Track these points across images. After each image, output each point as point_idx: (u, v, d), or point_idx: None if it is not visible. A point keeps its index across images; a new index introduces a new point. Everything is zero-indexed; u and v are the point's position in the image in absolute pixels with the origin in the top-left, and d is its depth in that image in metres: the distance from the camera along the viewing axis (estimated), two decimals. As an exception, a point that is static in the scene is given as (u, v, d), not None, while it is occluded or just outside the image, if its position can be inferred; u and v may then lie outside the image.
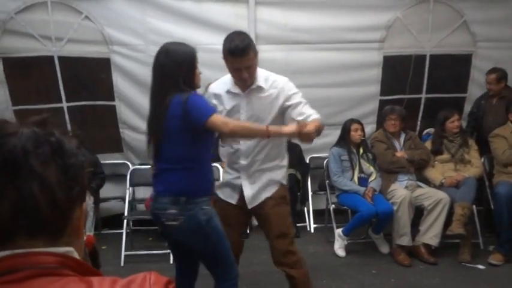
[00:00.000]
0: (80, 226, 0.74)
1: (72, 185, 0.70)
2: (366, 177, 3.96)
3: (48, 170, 0.67)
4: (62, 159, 0.70)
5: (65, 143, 0.71)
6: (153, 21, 4.23)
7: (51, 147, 0.69)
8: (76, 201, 0.72)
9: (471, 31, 4.52)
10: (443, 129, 4.09)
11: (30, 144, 0.68)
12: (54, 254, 0.69)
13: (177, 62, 2.06)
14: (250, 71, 2.25)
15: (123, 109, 4.45)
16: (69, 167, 0.70)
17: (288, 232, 2.46)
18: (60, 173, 0.69)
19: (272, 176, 2.42)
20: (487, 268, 3.53)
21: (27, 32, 4.13)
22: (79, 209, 0.73)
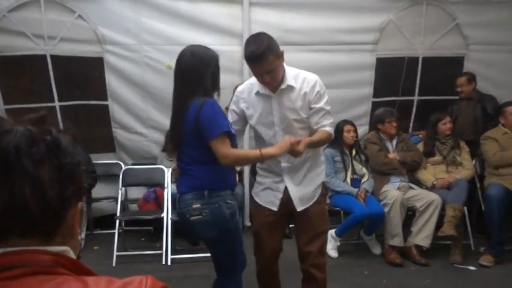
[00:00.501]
0: (74, 225, 0.74)
1: (66, 185, 0.69)
2: (358, 179, 3.98)
3: (41, 169, 0.67)
4: (58, 158, 0.69)
5: (62, 142, 0.71)
6: (146, 21, 4.22)
7: (47, 145, 0.69)
8: (71, 201, 0.71)
9: (463, 34, 4.55)
10: (435, 131, 4.12)
11: (24, 142, 0.67)
12: (50, 253, 0.69)
13: (205, 62, 2.07)
14: (273, 74, 2.17)
15: (116, 109, 4.43)
16: (64, 166, 0.69)
17: (324, 232, 2.54)
18: (55, 172, 0.68)
19: (317, 180, 2.45)
20: (477, 269, 3.55)
21: (20, 30, 4.09)
22: (74, 209, 0.72)
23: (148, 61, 4.30)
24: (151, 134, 4.53)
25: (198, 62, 2.06)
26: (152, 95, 4.39)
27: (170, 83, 4.56)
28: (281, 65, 2.21)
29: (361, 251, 3.95)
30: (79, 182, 0.72)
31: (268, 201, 2.42)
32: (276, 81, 2.21)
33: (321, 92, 2.28)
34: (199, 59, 2.07)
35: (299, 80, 2.27)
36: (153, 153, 4.55)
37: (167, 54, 4.28)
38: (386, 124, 4.04)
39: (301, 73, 2.31)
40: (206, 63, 2.07)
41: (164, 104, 4.34)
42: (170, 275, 3.46)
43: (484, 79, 4.68)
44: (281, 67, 2.21)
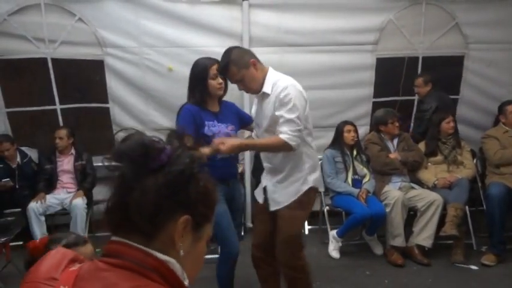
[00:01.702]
0: (174, 236, 0.78)
1: (165, 195, 0.76)
2: (359, 179, 3.98)
3: (149, 179, 0.76)
4: (167, 172, 0.77)
5: (177, 156, 0.80)
6: (146, 23, 4.23)
7: (165, 157, 0.79)
8: (168, 211, 0.77)
9: (463, 33, 4.55)
10: (438, 131, 4.12)
11: (140, 151, 0.79)
12: (153, 258, 0.76)
13: (195, 71, 2.55)
14: (243, 83, 2.37)
15: (117, 111, 4.44)
16: (168, 179, 0.77)
17: (295, 238, 2.54)
18: (159, 183, 0.76)
19: (292, 186, 2.49)
20: (479, 269, 3.55)
21: (21, 34, 4.11)
22: (173, 222, 0.78)
23: (149, 63, 4.31)
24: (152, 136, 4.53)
25: (191, 72, 2.57)
26: (153, 97, 4.39)
27: (171, 85, 4.63)
28: (251, 75, 2.34)
29: (363, 251, 3.95)
30: (182, 195, 0.78)
31: (257, 193, 2.73)
32: (250, 88, 2.40)
33: (284, 100, 2.28)
34: (191, 71, 2.56)
35: (274, 88, 2.35)
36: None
37: (167, 57, 4.29)
38: (389, 125, 4.04)
39: (280, 80, 2.35)
40: (194, 75, 2.54)
41: (165, 106, 4.36)
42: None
43: (484, 78, 4.69)
44: (252, 76, 2.35)
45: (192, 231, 0.81)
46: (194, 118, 2.48)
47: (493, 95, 4.65)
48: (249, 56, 2.37)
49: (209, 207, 0.83)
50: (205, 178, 0.83)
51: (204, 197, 0.81)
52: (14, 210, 4.03)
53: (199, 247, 0.84)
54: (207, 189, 0.82)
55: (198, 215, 0.81)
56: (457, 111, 4.75)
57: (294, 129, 2.29)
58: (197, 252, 0.84)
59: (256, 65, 2.36)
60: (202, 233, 0.83)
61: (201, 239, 0.84)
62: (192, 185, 0.79)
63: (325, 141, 4.18)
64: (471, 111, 4.77)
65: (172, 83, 4.28)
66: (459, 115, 4.72)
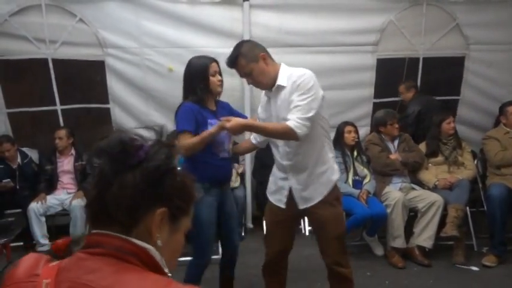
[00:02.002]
0: (152, 228, 0.83)
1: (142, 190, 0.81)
2: (360, 180, 3.98)
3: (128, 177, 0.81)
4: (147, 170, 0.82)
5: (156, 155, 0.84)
6: (147, 24, 4.23)
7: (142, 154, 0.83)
8: (143, 206, 0.82)
9: (464, 34, 4.55)
10: (439, 132, 4.12)
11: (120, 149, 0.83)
12: (132, 244, 0.81)
13: (193, 70, 2.53)
14: (252, 77, 2.30)
15: (118, 112, 4.44)
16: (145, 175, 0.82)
17: (343, 233, 2.50)
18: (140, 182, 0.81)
19: (321, 178, 2.38)
20: (480, 270, 3.54)
21: (21, 34, 4.12)
22: (151, 215, 0.83)
23: (150, 64, 4.31)
24: (152, 136, 4.53)
25: (187, 72, 2.55)
26: (153, 97, 4.40)
27: (171, 86, 4.63)
28: (261, 68, 2.28)
29: (364, 252, 3.94)
30: (159, 190, 0.83)
31: (276, 199, 2.50)
32: (259, 82, 2.33)
33: (298, 84, 2.20)
34: (188, 70, 2.55)
35: (290, 79, 2.27)
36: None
37: (168, 57, 4.29)
38: (388, 126, 4.04)
39: (295, 71, 2.28)
40: (193, 73, 2.52)
41: (166, 107, 4.36)
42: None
43: (484, 79, 4.69)
44: (261, 70, 2.29)
45: (169, 223, 0.86)
46: (195, 115, 2.46)
47: (494, 96, 4.65)
48: (260, 50, 2.31)
49: (186, 201, 0.88)
50: (183, 173, 0.89)
51: (180, 191, 0.87)
52: (15, 210, 4.03)
53: (177, 238, 0.89)
54: (184, 183, 0.88)
55: (175, 208, 0.85)
56: (458, 112, 4.75)
57: (302, 117, 2.16)
58: (175, 243, 0.89)
59: (266, 59, 2.29)
60: (179, 225, 0.88)
61: (178, 230, 0.88)
62: (169, 179, 0.84)
63: (325, 142, 4.18)
64: (472, 112, 4.77)
65: (172, 83, 4.27)
66: (460, 116, 4.73)
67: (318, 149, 2.35)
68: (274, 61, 2.35)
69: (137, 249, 0.80)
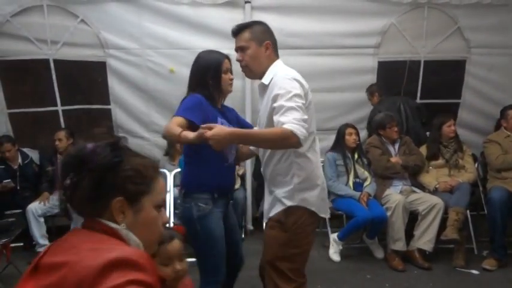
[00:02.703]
0: (113, 215, 0.99)
1: (97, 184, 0.98)
2: (360, 182, 3.98)
3: (82, 181, 0.99)
4: (96, 171, 0.99)
5: (99, 155, 1.00)
6: (149, 25, 4.24)
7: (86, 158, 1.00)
8: (101, 200, 0.99)
9: (465, 37, 4.56)
10: (439, 135, 4.12)
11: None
12: (104, 224, 0.99)
13: (204, 66, 2.25)
14: (245, 55, 2.09)
15: (119, 113, 4.45)
16: (97, 177, 0.99)
17: (271, 262, 2.10)
18: (92, 182, 0.99)
19: (277, 194, 2.11)
20: (480, 273, 3.54)
21: (23, 35, 4.12)
22: (110, 204, 0.98)
23: (151, 65, 4.32)
24: (153, 138, 4.54)
25: (197, 66, 2.28)
26: (155, 99, 4.40)
27: (173, 87, 4.63)
28: (258, 53, 2.08)
29: (364, 254, 3.94)
30: (110, 183, 0.98)
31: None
32: (247, 66, 2.11)
33: (281, 91, 1.92)
34: (199, 63, 2.27)
35: (274, 78, 2.04)
36: (156, 157, 4.54)
37: (170, 59, 4.30)
38: (387, 129, 4.04)
39: (282, 70, 2.06)
40: (205, 68, 2.24)
41: (167, 108, 4.36)
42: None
43: (485, 82, 4.69)
44: (257, 55, 2.08)
45: (131, 206, 1.00)
46: (204, 109, 2.14)
47: (495, 100, 4.65)
48: (268, 38, 2.11)
49: (141, 183, 1.02)
50: (132, 160, 1.02)
51: (133, 177, 1.00)
52: (15, 211, 4.03)
53: (144, 216, 1.02)
54: (135, 169, 1.01)
55: (131, 194, 1.00)
56: (459, 115, 4.75)
57: (299, 118, 1.84)
58: (142, 220, 1.02)
59: (269, 49, 2.09)
60: (141, 205, 1.02)
61: (142, 209, 1.02)
62: (117, 171, 0.99)
63: (326, 144, 4.18)
64: (472, 116, 4.78)
65: (174, 84, 4.28)
66: (460, 119, 4.73)
67: (283, 164, 2.07)
68: (276, 58, 2.15)
69: (106, 227, 0.98)
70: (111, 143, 1.02)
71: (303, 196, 2.05)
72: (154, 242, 1.09)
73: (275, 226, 2.09)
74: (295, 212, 2.06)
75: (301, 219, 2.06)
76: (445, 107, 4.72)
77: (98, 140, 1.03)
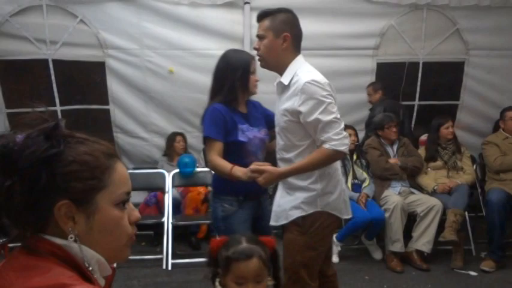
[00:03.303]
0: (62, 226, 0.76)
1: (30, 195, 0.74)
2: (359, 183, 3.98)
3: (14, 185, 0.74)
4: (25, 170, 0.73)
5: (26, 150, 0.73)
6: (148, 25, 4.24)
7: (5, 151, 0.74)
8: (40, 206, 0.75)
9: (464, 39, 4.56)
10: (437, 136, 4.12)
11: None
12: (49, 243, 0.76)
13: (231, 66, 2.17)
14: (262, 45, 2.00)
15: (118, 113, 4.45)
16: (28, 177, 0.73)
17: (290, 268, 2.02)
18: (23, 185, 0.73)
19: (297, 199, 2.02)
20: (479, 274, 3.54)
21: (22, 35, 4.12)
22: (54, 205, 0.75)
23: (150, 66, 4.32)
24: (152, 138, 4.54)
25: (223, 65, 2.19)
26: (153, 99, 4.40)
27: (171, 88, 4.62)
28: (274, 44, 1.99)
29: (362, 256, 3.94)
30: (45, 184, 0.73)
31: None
32: (262, 56, 2.03)
33: (312, 101, 1.87)
34: (226, 63, 2.19)
35: (294, 79, 1.97)
36: (154, 157, 4.56)
37: (169, 59, 4.30)
38: (385, 130, 4.04)
39: (302, 71, 1.98)
40: (233, 67, 2.16)
41: (165, 109, 4.36)
42: (171, 280, 3.46)
43: (484, 84, 4.70)
44: (273, 46, 1.99)
45: (82, 209, 0.76)
46: (225, 121, 2.12)
47: (493, 101, 4.66)
48: (289, 29, 1.99)
49: (91, 178, 0.77)
50: (75, 149, 0.77)
51: (77, 172, 0.76)
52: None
53: (101, 218, 0.78)
54: (79, 161, 0.76)
55: (78, 193, 0.76)
56: (457, 116, 4.76)
57: (338, 131, 1.86)
58: (99, 225, 0.78)
59: (286, 41, 1.98)
60: (95, 205, 0.78)
61: (96, 210, 0.78)
62: (52, 168, 0.74)
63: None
64: (471, 117, 4.79)
65: (173, 85, 4.29)
66: (459, 121, 4.73)
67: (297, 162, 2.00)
68: (295, 53, 2.04)
69: (53, 247, 0.75)
70: (44, 130, 0.75)
71: (327, 201, 2.00)
72: (121, 247, 0.83)
73: (293, 230, 2.03)
74: (315, 216, 2.00)
75: (319, 221, 2.00)
76: (444, 108, 4.72)
77: (31, 129, 0.76)
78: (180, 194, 4.28)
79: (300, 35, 2.07)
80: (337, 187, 2.04)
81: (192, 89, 4.33)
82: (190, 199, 4.22)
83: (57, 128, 0.77)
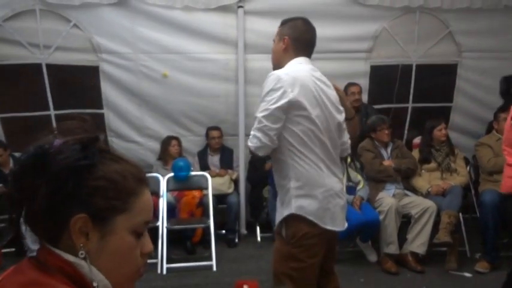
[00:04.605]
0: (71, 236, 0.74)
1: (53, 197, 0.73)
2: (353, 186, 3.99)
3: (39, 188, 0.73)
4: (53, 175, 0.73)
5: (61, 155, 0.74)
6: (142, 29, 4.24)
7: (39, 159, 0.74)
8: (56, 215, 0.74)
9: (456, 41, 4.60)
10: (431, 138, 4.14)
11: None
12: (59, 258, 0.74)
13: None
14: (272, 55, 2.13)
15: (112, 117, 4.44)
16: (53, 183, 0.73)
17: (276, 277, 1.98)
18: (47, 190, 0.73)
19: (278, 201, 2.01)
20: (473, 276, 3.55)
21: (15, 39, 4.11)
22: (71, 219, 0.73)
23: (144, 70, 4.31)
24: (146, 142, 4.53)
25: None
26: (148, 103, 4.39)
27: (166, 92, 4.62)
28: (277, 48, 2.08)
29: (357, 258, 3.94)
30: (69, 194, 0.73)
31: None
32: (271, 58, 2.14)
33: (264, 93, 1.90)
34: None
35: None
36: (149, 161, 4.55)
37: (163, 63, 4.30)
38: (378, 132, 4.06)
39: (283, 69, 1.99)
40: None
41: (160, 113, 4.36)
42: (165, 284, 3.45)
43: (477, 86, 4.73)
44: (276, 49, 2.09)
45: (98, 227, 0.74)
46: None
47: (486, 103, 4.69)
48: (290, 33, 2.06)
49: (115, 198, 0.75)
50: (108, 166, 0.76)
51: (103, 189, 0.74)
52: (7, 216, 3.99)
53: (114, 242, 0.76)
54: (110, 179, 0.75)
55: (99, 210, 0.74)
56: (451, 118, 4.78)
57: (254, 127, 1.89)
58: (111, 247, 0.76)
59: (285, 43, 2.04)
60: (112, 227, 0.75)
61: (112, 232, 0.75)
62: (80, 180, 0.73)
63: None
64: (464, 119, 4.81)
65: (167, 89, 4.28)
66: (452, 123, 4.76)
67: (279, 166, 1.97)
68: (296, 55, 2.06)
69: (63, 264, 0.73)
70: (82, 140, 0.76)
71: (301, 204, 1.89)
72: (127, 279, 0.79)
73: (278, 238, 1.99)
74: (293, 223, 1.90)
75: (301, 231, 1.89)
76: (437, 110, 4.74)
77: (69, 136, 0.77)
78: (175, 198, 4.27)
79: (302, 38, 2.10)
80: (319, 193, 1.90)
81: (187, 93, 4.33)
82: (185, 203, 4.22)
83: (96, 141, 0.78)
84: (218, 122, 4.53)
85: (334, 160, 2.01)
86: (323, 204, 1.92)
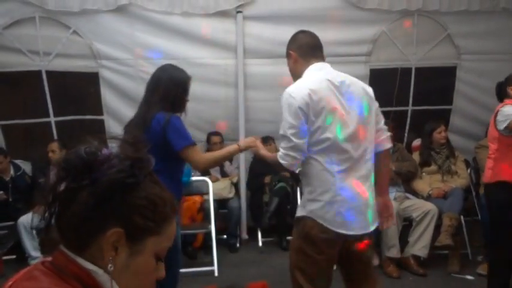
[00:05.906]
0: (103, 248, 0.75)
1: (92, 208, 0.75)
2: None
3: (80, 193, 0.75)
4: (99, 185, 0.75)
5: (111, 169, 0.76)
6: (141, 35, 4.25)
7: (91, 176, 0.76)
8: (93, 224, 0.75)
9: (455, 44, 4.60)
10: (430, 141, 4.14)
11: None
12: (78, 266, 0.76)
13: (173, 80, 2.29)
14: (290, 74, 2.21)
15: (112, 123, 4.44)
16: (99, 193, 0.75)
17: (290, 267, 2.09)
18: (90, 198, 0.75)
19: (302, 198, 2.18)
20: (475, 278, 3.54)
21: (15, 47, 4.12)
22: (103, 234, 0.75)
23: (144, 76, 4.30)
24: None
25: (166, 79, 2.32)
26: (147, 109, 4.39)
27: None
28: (290, 66, 2.19)
29: (359, 262, 3.93)
30: (111, 207, 0.75)
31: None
32: (292, 76, 2.21)
33: (283, 111, 1.99)
34: (168, 76, 2.32)
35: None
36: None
37: (162, 69, 4.30)
38: None
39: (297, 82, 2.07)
40: (175, 83, 2.29)
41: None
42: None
43: (476, 88, 4.73)
44: (290, 67, 2.19)
45: (129, 244, 0.77)
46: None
47: (485, 105, 4.68)
48: (292, 46, 2.16)
49: (152, 220, 0.78)
50: (150, 188, 0.79)
51: (144, 208, 0.77)
52: (7, 223, 3.99)
53: (140, 261, 0.78)
54: (151, 200, 0.78)
55: (135, 228, 0.76)
56: (450, 121, 4.79)
57: (285, 146, 1.97)
58: (136, 267, 0.78)
59: (292, 57, 2.14)
60: (143, 246, 0.78)
61: (141, 252, 0.78)
62: (126, 196, 0.76)
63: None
64: (464, 121, 4.81)
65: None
66: (452, 125, 4.76)
67: (303, 174, 2.10)
68: (308, 61, 2.12)
69: (81, 272, 0.75)
70: (134, 158, 0.78)
71: (311, 207, 1.99)
72: None
73: (294, 231, 2.13)
74: (304, 221, 2.02)
75: (310, 229, 1.99)
76: (437, 113, 4.74)
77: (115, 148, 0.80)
78: (176, 203, 4.26)
79: (303, 43, 2.16)
80: (326, 197, 1.97)
81: (186, 98, 4.34)
82: (186, 208, 4.21)
83: (147, 163, 0.80)
84: (218, 127, 4.54)
85: (355, 163, 2.02)
86: (334, 207, 1.97)
